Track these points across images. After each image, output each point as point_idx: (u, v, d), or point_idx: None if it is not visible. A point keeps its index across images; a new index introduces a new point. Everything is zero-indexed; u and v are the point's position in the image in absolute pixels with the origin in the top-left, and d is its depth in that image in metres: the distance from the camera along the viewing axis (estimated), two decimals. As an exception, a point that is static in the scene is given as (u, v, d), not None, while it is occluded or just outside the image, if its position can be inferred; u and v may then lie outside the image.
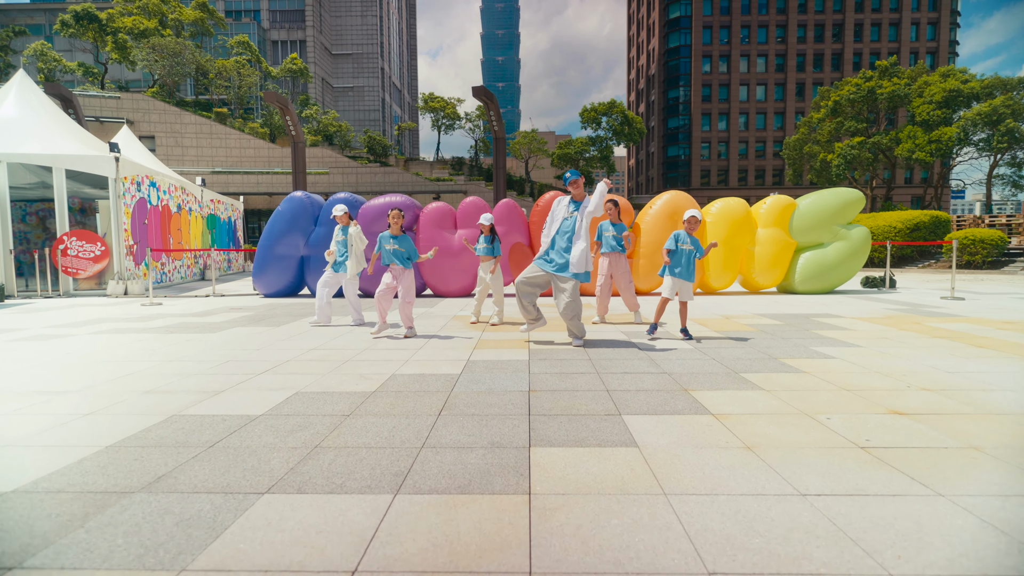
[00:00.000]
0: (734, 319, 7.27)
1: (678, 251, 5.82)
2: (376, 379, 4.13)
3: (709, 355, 4.94)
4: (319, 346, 5.54)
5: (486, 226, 6.99)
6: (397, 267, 6.02)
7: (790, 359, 4.74)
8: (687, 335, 5.86)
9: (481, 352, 5.17)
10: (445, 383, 3.99)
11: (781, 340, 5.67)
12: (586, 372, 4.30)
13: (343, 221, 6.90)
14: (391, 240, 6.08)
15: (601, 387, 3.84)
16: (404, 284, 6.03)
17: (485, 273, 7.03)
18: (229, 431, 2.99)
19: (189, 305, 9.73)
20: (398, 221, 6.08)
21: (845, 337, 5.83)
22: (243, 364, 4.73)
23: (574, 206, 5.46)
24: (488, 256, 7.00)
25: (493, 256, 7.01)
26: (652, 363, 4.61)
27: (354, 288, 6.95)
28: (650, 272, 10.48)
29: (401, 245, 6.05)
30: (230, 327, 6.97)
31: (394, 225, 6.09)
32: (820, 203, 10.71)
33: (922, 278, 15.15)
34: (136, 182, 13.10)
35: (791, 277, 10.77)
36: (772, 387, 3.83)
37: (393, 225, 6.10)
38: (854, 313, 7.75)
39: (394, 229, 6.10)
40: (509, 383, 3.97)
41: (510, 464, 2.50)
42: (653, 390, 3.75)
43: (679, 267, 5.80)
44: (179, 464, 2.54)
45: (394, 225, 6.09)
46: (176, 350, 5.41)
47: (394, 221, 6.09)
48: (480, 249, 7.00)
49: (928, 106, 30.58)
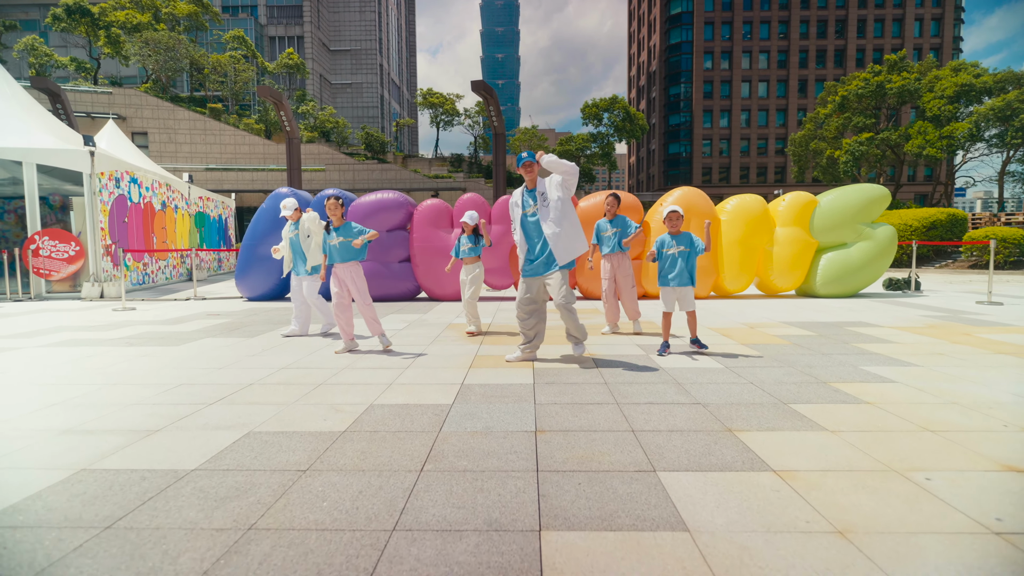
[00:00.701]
0: (760, 328, 6.55)
1: (664, 257, 5.10)
2: (349, 412, 3.41)
3: (744, 377, 4.21)
4: (291, 364, 4.81)
5: (469, 225, 6.23)
6: (342, 267, 5.18)
7: (842, 383, 4.02)
8: (699, 345, 5.18)
9: (478, 372, 4.44)
10: (433, 418, 3.27)
11: (822, 357, 4.95)
12: (603, 402, 3.57)
13: (294, 218, 6.12)
14: (333, 234, 5.23)
15: (624, 425, 3.12)
16: (356, 284, 5.20)
17: (466, 276, 6.30)
18: (142, 499, 2.27)
19: (164, 310, 9.01)
20: (337, 211, 5.21)
21: (893, 352, 5.11)
22: (196, 389, 4.00)
23: (530, 196, 4.69)
24: (474, 257, 6.28)
25: (477, 257, 6.31)
26: (681, 390, 3.88)
27: (315, 288, 6.15)
28: (661, 274, 9.76)
29: (345, 235, 5.18)
30: (199, 338, 6.24)
31: (333, 216, 5.22)
32: (843, 200, 9.97)
33: (943, 279, 14.42)
34: (115, 178, 12.36)
35: (812, 279, 10.04)
36: (834, 424, 3.11)
37: (332, 216, 5.22)
38: (890, 321, 7.03)
39: (335, 220, 5.24)
40: (511, 419, 3.25)
41: (514, 563, 1.78)
42: (689, 430, 3.03)
43: (672, 273, 5.07)
44: (50, 563, 1.82)
45: (333, 216, 5.22)
46: (126, 369, 4.68)
47: (332, 211, 5.21)
48: (464, 251, 6.25)
49: (939, 101, 29.76)
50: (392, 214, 9.89)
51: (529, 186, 4.71)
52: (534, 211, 4.65)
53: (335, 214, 5.22)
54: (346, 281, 5.20)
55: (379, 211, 9.82)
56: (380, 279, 9.90)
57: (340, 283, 5.21)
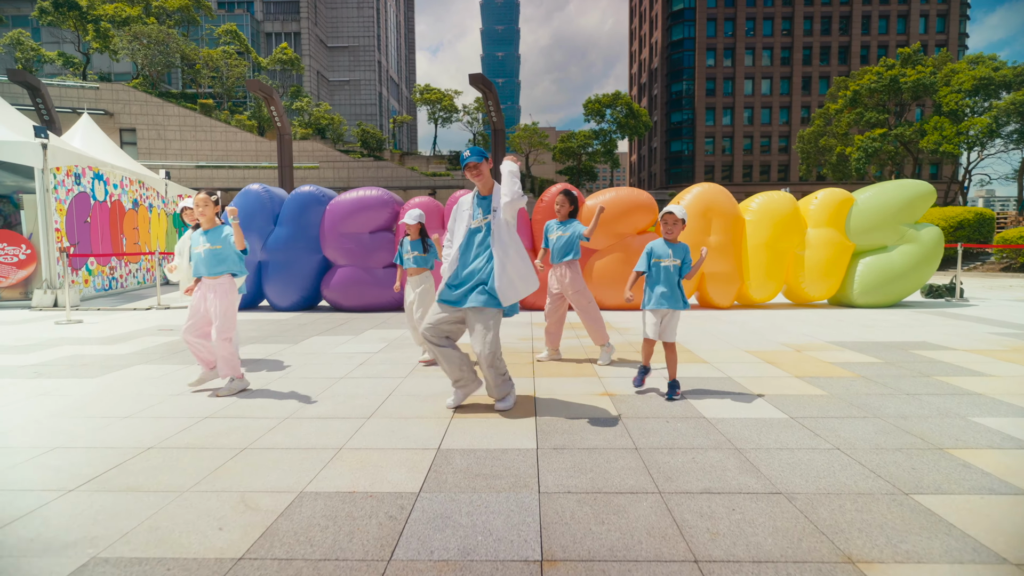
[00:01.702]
0: (809, 352, 5.42)
1: (655, 270, 3.92)
2: (264, 510, 2.29)
3: (823, 437, 3.10)
4: (218, 411, 3.69)
5: (412, 226, 4.90)
6: (209, 280, 4.05)
7: (965, 450, 2.90)
8: (673, 391, 3.87)
9: (462, 426, 3.32)
10: (385, 526, 2.15)
11: (910, 399, 3.82)
12: (639, 491, 2.45)
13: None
14: (201, 239, 4.08)
15: (681, 547, 1.99)
16: (220, 304, 4.00)
17: (413, 291, 5.01)
18: None
19: (113, 324, 7.88)
20: (208, 210, 4.05)
21: (995, 391, 3.98)
22: (68, 458, 2.88)
23: (482, 205, 3.53)
24: (420, 268, 4.96)
25: (426, 268, 4.99)
26: (744, 462, 2.75)
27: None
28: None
29: (213, 242, 4.03)
30: (129, 364, 5.12)
31: (204, 218, 4.07)
32: (883, 198, 8.85)
33: (981, 284, 13.30)
34: (74, 174, 11.23)
35: (848, 287, 8.91)
36: (1009, 547, 1.99)
37: (203, 219, 4.08)
38: (959, 342, 5.90)
39: (204, 223, 4.09)
40: (503, 529, 2.13)
41: None
42: (786, 560, 1.90)
43: (663, 289, 3.86)
44: None
45: (204, 218, 4.07)
46: (1, 417, 3.56)
47: (202, 210, 4.05)
48: (406, 259, 4.93)
49: (956, 95, 28.55)
50: (375, 214, 8.76)
51: (483, 192, 3.56)
52: (481, 225, 3.49)
53: (205, 214, 4.05)
54: (210, 296, 4.04)
55: (360, 210, 8.69)
56: (362, 287, 8.78)
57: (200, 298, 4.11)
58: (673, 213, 3.87)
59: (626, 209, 8.61)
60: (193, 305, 4.11)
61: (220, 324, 3.98)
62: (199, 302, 4.10)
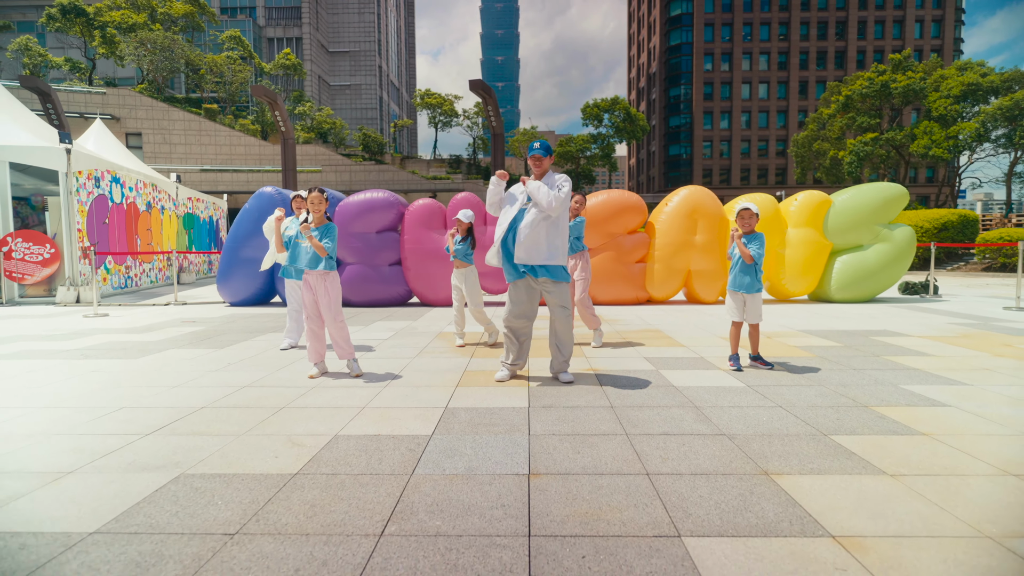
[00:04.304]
0: (778, 338, 6.00)
1: (734, 259, 4.58)
2: (308, 446, 2.86)
3: (771, 399, 3.66)
4: (255, 382, 4.26)
5: (463, 224, 5.60)
6: (313, 274, 4.29)
7: (886, 407, 3.47)
8: (762, 361, 4.59)
9: (465, 393, 3.89)
10: (406, 455, 2.72)
11: (855, 373, 4.39)
12: (610, 433, 3.02)
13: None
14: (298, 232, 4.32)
15: (637, 466, 2.56)
16: (329, 295, 4.29)
17: (460, 282, 5.68)
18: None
19: (138, 317, 8.45)
20: (322, 207, 4.26)
21: (932, 367, 4.56)
22: (137, 415, 3.45)
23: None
24: (464, 263, 5.63)
25: (469, 263, 5.65)
26: (700, 416, 3.33)
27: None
28: (667, 279, 9.22)
29: (320, 238, 4.26)
30: (163, 349, 5.69)
31: (316, 215, 4.26)
32: (859, 199, 9.43)
33: (959, 282, 13.88)
34: (95, 177, 11.81)
35: (826, 283, 9.49)
36: (892, 465, 2.56)
37: (315, 215, 4.26)
38: (918, 330, 6.47)
39: (315, 219, 4.28)
40: (499, 456, 2.69)
41: None
42: (717, 473, 2.48)
43: (733, 274, 4.56)
44: None
45: (316, 215, 4.26)
46: (65, 388, 4.12)
47: (315, 207, 4.25)
48: (456, 252, 5.61)
49: (945, 100, 29.19)
50: (382, 215, 9.34)
51: (536, 179, 4.12)
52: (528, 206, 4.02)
53: (317, 208, 4.28)
54: (319, 291, 4.38)
55: (368, 211, 9.27)
56: (369, 283, 9.35)
57: (311, 290, 4.46)
58: (749, 208, 4.47)
59: (617, 210, 9.19)
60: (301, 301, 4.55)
61: (333, 311, 4.31)
62: (305, 294, 4.36)
